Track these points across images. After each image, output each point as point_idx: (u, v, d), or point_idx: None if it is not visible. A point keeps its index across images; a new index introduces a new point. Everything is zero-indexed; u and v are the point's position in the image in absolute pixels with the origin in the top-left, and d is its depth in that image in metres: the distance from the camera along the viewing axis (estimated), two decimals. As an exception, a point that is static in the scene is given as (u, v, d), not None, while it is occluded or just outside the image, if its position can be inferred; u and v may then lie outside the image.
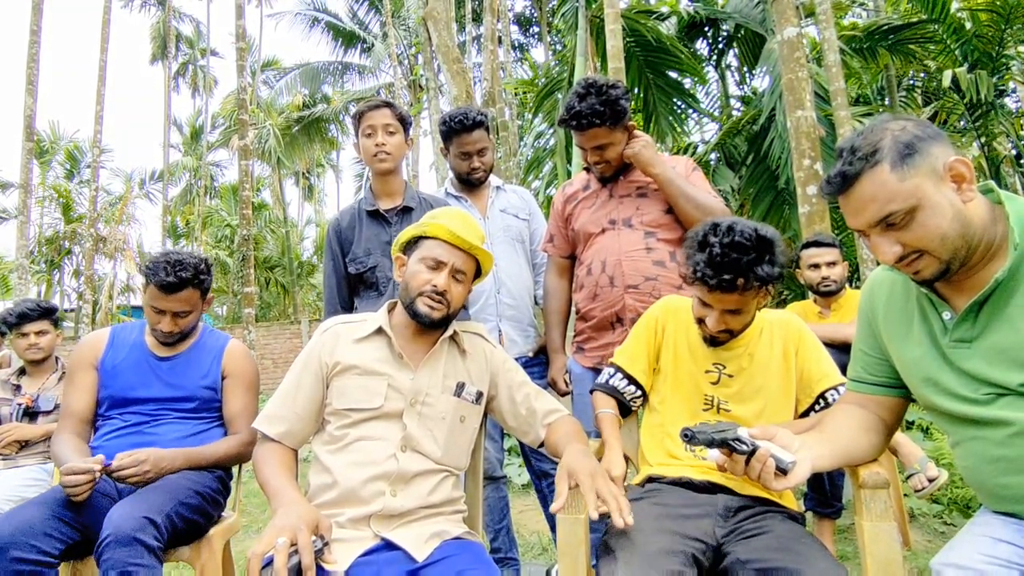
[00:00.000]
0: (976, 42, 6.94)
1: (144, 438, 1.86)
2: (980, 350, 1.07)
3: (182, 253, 1.93)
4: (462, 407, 1.51)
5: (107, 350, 1.99)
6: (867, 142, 1.07)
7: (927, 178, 1.03)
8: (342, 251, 2.20)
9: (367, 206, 2.20)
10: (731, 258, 1.36)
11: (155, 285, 1.85)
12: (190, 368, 1.99)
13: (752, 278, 1.37)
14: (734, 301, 1.44)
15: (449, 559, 1.29)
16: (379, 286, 2.14)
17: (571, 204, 2.18)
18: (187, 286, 1.88)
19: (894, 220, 1.05)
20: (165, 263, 1.86)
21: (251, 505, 4.15)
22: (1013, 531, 1.05)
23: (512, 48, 15.41)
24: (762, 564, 1.21)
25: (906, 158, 1.03)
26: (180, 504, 1.65)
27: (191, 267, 1.89)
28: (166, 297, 1.88)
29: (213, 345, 2.06)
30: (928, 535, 2.86)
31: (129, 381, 1.94)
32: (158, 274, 1.85)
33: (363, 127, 2.15)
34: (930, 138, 1.05)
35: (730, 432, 1.19)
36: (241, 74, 8.85)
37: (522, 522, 3.44)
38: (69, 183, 19.12)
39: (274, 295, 21.58)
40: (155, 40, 21.97)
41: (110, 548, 1.43)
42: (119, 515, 1.50)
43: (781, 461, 1.15)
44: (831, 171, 1.12)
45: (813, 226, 3.99)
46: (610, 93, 1.92)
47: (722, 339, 1.56)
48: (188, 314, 1.95)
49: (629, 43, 6.63)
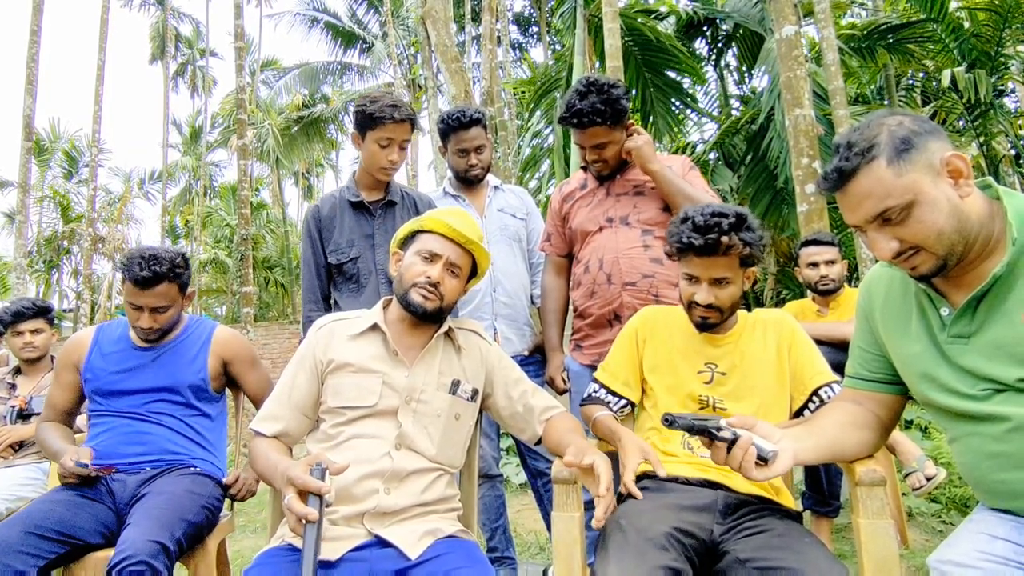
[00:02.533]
0: (974, 41, 6.94)
1: (141, 447, 1.86)
2: (978, 346, 1.07)
3: (158, 248, 1.89)
4: (457, 405, 1.50)
5: (92, 348, 1.97)
6: (863, 138, 1.06)
7: (924, 174, 1.03)
8: (321, 238, 2.16)
9: (350, 196, 2.16)
10: (713, 221, 1.44)
11: (130, 281, 1.82)
12: (176, 359, 1.96)
13: (735, 238, 1.44)
14: (720, 267, 1.48)
15: (441, 557, 1.28)
16: (359, 278, 2.11)
17: (568, 203, 2.18)
18: (162, 280, 1.84)
19: (891, 216, 1.04)
20: (140, 258, 1.83)
21: (248, 505, 4.14)
22: (1010, 528, 1.04)
23: (511, 48, 15.41)
24: (763, 563, 1.20)
25: (902, 153, 1.03)
26: (189, 524, 1.66)
27: (166, 261, 1.85)
28: (142, 292, 1.84)
29: (199, 335, 2.03)
30: (926, 534, 2.85)
31: (116, 374, 1.93)
32: (132, 269, 1.81)
33: (379, 135, 2.03)
34: (927, 133, 1.05)
35: (712, 420, 1.19)
36: (240, 74, 8.85)
37: (520, 521, 3.43)
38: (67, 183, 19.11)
39: (273, 295, 21.59)
40: (154, 40, 21.97)
41: (124, 572, 1.43)
42: (133, 538, 1.50)
43: (763, 450, 1.13)
44: (827, 167, 1.11)
45: (811, 224, 3.99)
46: (611, 92, 1.91)
47: (712, 319, 1.54)
48: (167, 309, 1.91)
49: (627, 42, 6.63)
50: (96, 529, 1.69)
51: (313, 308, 2.13)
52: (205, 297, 21.81)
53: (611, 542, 1.28)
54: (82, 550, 1.66)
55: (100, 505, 1.74)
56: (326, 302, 2.17)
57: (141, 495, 1.76)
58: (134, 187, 21.31)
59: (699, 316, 1.55)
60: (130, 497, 1.78)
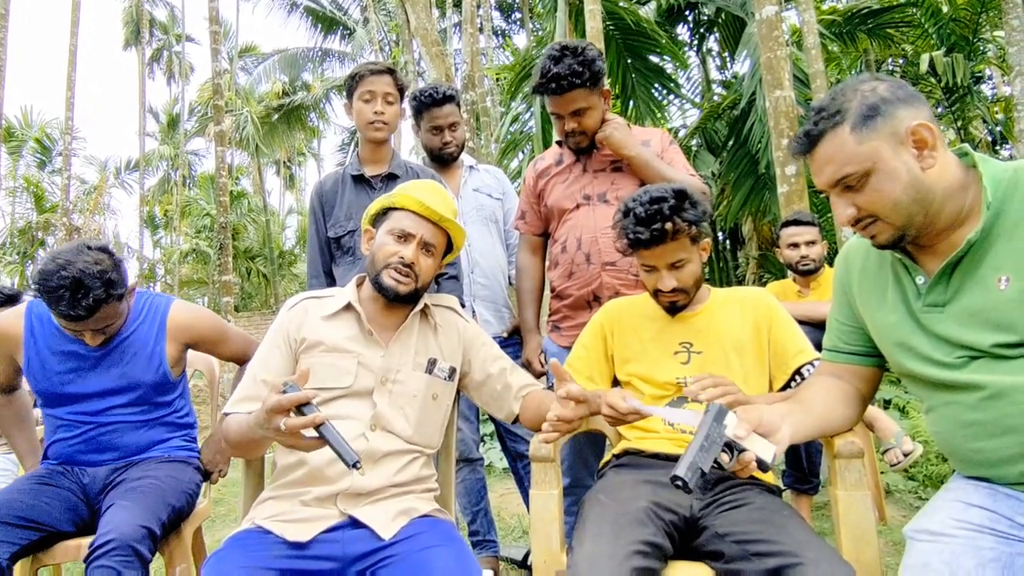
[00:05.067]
0: (953, 26, 7.00)
1: (109, 454, 1.76)
2: (952, 313, 1.06)
3: (73, 263, 1.51)
4: (434, 384, 1.47)
5: (27, 340, 1.72)
6: (835, 103, 1.08)
7: (885, 142, 1.03)
8: (323, 214, 2.14)
9: (352, 171, 2.14)
10: (654, 209, 1.44)
11: (59, 316, 1.55)
12: (130, 354, 1.76)
13: (679, 221, 1.45)
14: (672, 251, 1.48)
15: (416, 536, 1.26)
16: (355, 251, 2.08)
17: (543, 179, 2.12)
18: (100, 307, 1.56)
19: (850, 182, 1.06)
20: (63, 290, 1.49)
21: (229, 494, 4.10)
22: (985, 495, 1.04)
23: (494, 34, 15.26)
24: (741, 536, 1.20)
25: (867, 120, 1.04)
26: (172, 509, 1.63)
27: (98, 285, 1.53)
28: (78, 324, 1.59)
29: (152, 320, 1.79)
30: (904, 510, 2.89)
31: (62, 375, 1.71)
32: (59, 306, 1.51)
33: (361, 91, 2.05)
34: (899, 100, 1.05)
35: (715, 447, 1.10)
36: (216, 59, 8.68)
37: (503, 505, 3.43)
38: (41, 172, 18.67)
39: (256, 285, 21.36)
40: (128, 25, 21.46)
41: (108, 555, 1.39)
42: (119, 521, 1.46)
43: (763, 463, 1.10)
44: (799, 130, 1.12)
45: (792, 206, 4.00)
46: (586, 53, 1.87)
47: (681, 300, 1.55)
48: (112, 323, 1.67)
49: (608, 27, 6.57)
50: (67, 517, 1.65)
51: (315, 283, 2.12)
52: (186, 288, 21.52)
53: (589, 518, 1.27)
54: (53, 537, 1.62)
55: (68, 493, 1.69)
56: (328, 276, 2.15)
57: (117, 481, 1.71)
58: (110, 176, 20.84)
59: (667, 301, 1.56)
60: (102, 486, 1.73)
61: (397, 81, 2.08)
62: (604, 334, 1.66)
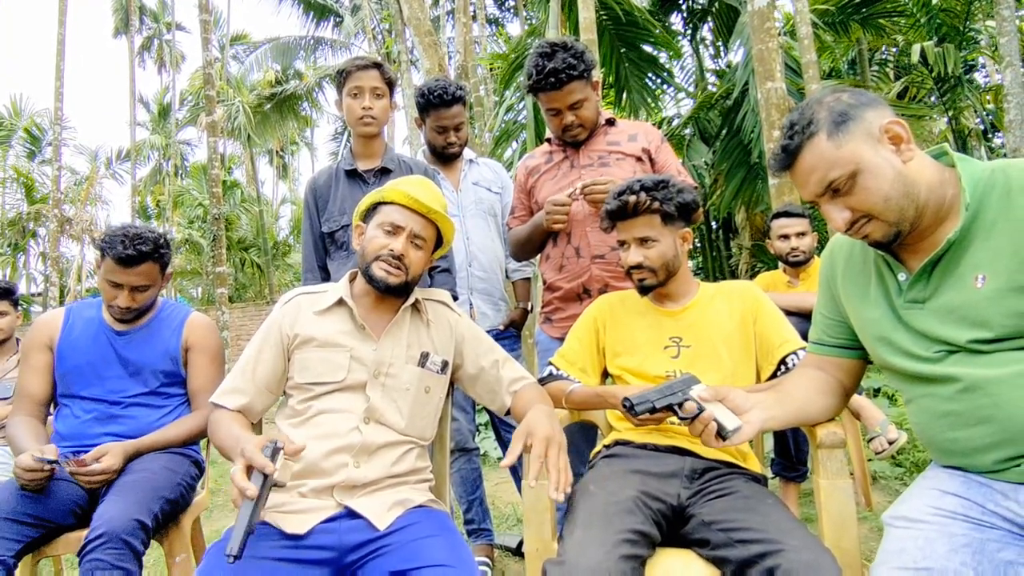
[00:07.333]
0: (944, 16, 7.01)
1: (116, 426, 1.83)
2: (932, 309, 1.10)
3: (141, 227, 1.87)
4: (427, 377, 1.50)
5: (64, 329, 1.92)
6: (803, 117, 1.12)
7: (863, 142, 1.07)
8: (317, 209, 2.16)
9: (345, 165, 2.17)
10: (626, 186, 1.56)
11: (113, 258, 1.79)
12: (150, 342, 1.93)
13: (643, 196, 1.53)
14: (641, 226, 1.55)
15: (411, 527, 1.29)
16: (349, 245, 2.09)
17: (533, 176, 2.16)
18: (147, 260, 1.82)
19: (838, 186, 1.09)
20: (124, 236, 1.80)
21: (225, 484, 4.13)
22: (959, 483, 1.08)
23: (487, 23, 15.17)
24: (727, 524, 1.23)
25: (840, 126, 1.08)
26: (165, 501, 1.66)
27: (151, 241, 1.83)
28: (124, 271, 1.81)
29: (173, 318, 1.99)
30: (890, 496, 2.94)
31: (87, 356, 1.88)
32: (115, 247, 1.78)
33: (349, 86, 2.08)
34: (863, 104, 1.09)
35: (675, 396, 1.24)
36: (206, 47, 8.60)
37: (498, 494, 3.48)
38: (31, 163, 18.50)
39: (249, 276, 21.27)
40: (117, 13, 21.16)
41: (100, 548, 1.42)
42: (111, 514, 1.48)
43: (724, 429, 1.17)
44: (775, 148, 1.16)
45: (783, 197, 4.03)
46: (576, 47, 1.93)
47: (648, 279, 1.58)
48: (147, 289, 1.88)
49: (601, 16, 6.54)
50: (68, 510, 1.68)
51: (310, 278, 2.15)
52: (180, 279, 21.42)
53: (579, 507, 1.30)
54: (55, 531, 1.65)
55: (71, 485, 1.72)
56: (323, 271, 2.17)
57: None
58: (101, 167, 20.65)
59: (637, 279, 1.59)
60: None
61: (384, 75, 2.10)
62: (596, 327, 1.70)
